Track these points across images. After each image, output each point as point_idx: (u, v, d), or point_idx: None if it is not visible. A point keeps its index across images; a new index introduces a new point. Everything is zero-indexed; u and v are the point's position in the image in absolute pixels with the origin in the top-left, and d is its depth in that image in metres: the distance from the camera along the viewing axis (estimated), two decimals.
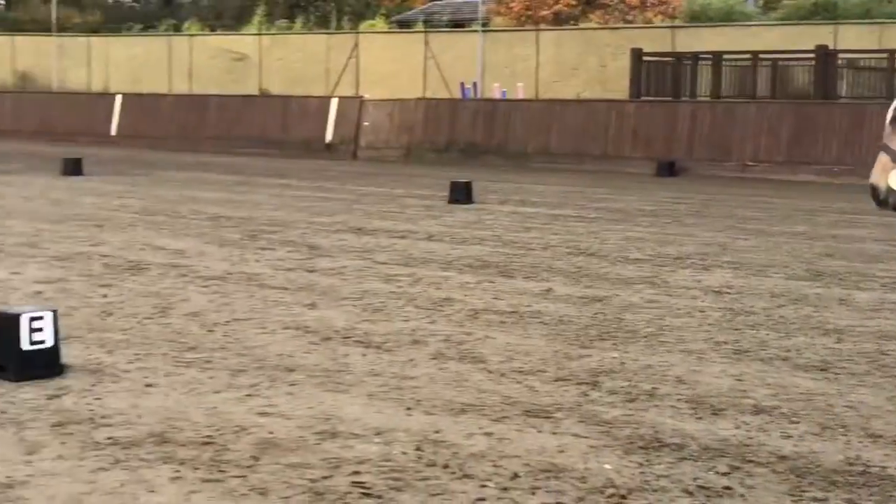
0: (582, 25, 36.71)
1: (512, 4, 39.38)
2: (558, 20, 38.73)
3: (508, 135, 27.95)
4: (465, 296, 9.63)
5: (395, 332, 8.07)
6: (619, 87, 31.60)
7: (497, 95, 31.68)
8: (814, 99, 26.04)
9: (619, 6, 39.39)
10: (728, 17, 34.37)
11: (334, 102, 31.10)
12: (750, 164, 24.75)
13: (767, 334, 8.25)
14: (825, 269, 11.44)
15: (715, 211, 17.42)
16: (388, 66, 34.74)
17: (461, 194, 17.71)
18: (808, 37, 28.69)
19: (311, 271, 10.87)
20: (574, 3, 39.66)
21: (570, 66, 33.79)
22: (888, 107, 5.64)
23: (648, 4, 39.26)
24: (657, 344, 7.86)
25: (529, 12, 39.09)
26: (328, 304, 9.14)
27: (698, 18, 33.45)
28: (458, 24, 40.95)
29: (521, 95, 31.64)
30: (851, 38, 29.14)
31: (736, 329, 8.42)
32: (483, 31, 33.86)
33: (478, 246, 12.84)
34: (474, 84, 32.97)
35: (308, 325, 8.27)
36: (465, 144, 28.67)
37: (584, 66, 33.98)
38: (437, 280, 10.45)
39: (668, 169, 24.92)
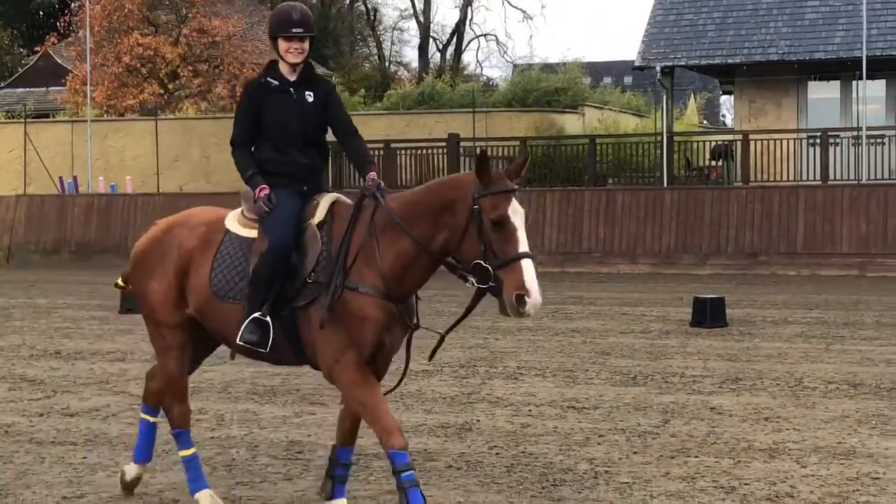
0: (181, 115, 35.14)
1: (94, 94, 36.89)
2: (144, 110, 36.78)
3: (130, 232, 25.80)
4: None
5: None
6: (223, 180, 30.36)
7: (102, 190, 29.53)
8: None
9: (210, 96, 38.04)
10: None
11: None
12: None
13: None
14: None
15: None
16: None
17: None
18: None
19: None
20: (161, 92, 37.82)
21: (171, 158, 32.18)
22: None
23: (238, 95, 38.05)
24: None
25: (112, 101, 36.75)
26: None
27: None
28: (43, 115, 37.96)
29: (129, 189, 29.66)
30: None
31: None
32: (92, 120, 31.41)
33: None
34: (74, 178, 30.47)
35: None
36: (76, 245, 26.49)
37: (185, 157, 32.52)
38: None
39: None
